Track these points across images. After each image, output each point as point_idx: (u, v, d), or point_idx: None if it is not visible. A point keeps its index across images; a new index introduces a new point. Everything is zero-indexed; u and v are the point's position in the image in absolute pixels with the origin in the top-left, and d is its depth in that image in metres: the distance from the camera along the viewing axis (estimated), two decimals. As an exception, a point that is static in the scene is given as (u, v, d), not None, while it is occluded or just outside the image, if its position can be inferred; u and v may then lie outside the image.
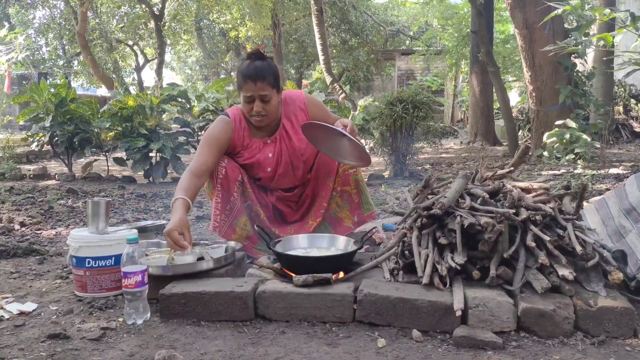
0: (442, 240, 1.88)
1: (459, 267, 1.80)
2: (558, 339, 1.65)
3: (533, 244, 1.79)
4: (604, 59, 7.53)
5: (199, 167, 2.32)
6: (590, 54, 8.26)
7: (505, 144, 9.73)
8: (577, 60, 7.13)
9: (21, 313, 1.94)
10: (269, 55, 2.42)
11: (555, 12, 4.50)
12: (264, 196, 2.58)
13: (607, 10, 4.16)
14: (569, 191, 2.09)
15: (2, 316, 1.91)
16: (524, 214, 1.86)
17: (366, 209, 2.55)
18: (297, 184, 2.57)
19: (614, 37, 4.40)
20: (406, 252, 2.01)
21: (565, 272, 1.72)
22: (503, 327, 1.68)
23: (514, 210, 1.86)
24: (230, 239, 2.41)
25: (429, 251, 1.90)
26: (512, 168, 2.27)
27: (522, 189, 2.08)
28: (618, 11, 4.21)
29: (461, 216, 1.85)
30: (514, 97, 14.79)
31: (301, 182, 2.57)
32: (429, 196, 2.14)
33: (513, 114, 9.54)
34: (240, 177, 2.44)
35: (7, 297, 2.10)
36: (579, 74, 7.17)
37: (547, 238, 1.79)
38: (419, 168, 7.02)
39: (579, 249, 1.77)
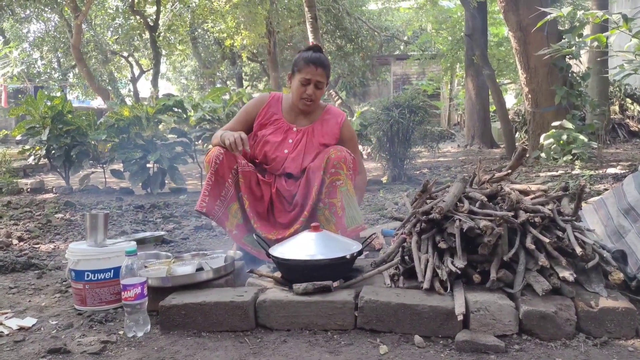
0: (442, 245, 1.88)
1: (459, 271, 1.80)
2: (560, 341, 1.65)
3: (533, 246, 1.79)
4: (599, 59, 7.56)
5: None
6: (585, 54, 8.30)
7: (502, 146, 9.75)
8: (571, 61, 7.15)
9: (21, 328, 1.93)
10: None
11: (548, 17, 4.52)
12: (260, 188, 2.58)
13: (600, 13, 4.18)
14: (567, 192, 2.09)
15: (2, 332, 1.89)
16: (522, 216, 1.86)
17: (350, 223, 2.46)
18: (300, 171, 2.57)
19: (607, 38, 4.42)
20: (406, 257, 2.01)
21: (566, 273, 1.72)
22: (505, 330, 1.68)
23: (512, 213, 1.86)
24: (224, 225, 2.49)
25: (428, 256, 1.90)
26: (509, 170, 2.27)
27: (520, 191, 2.08)
28: (610, 13, 4.23)
29: (460, 220, 1.85)
30: (509, 100, 14.85)
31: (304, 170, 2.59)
32: (428, 200, 2.14)
33: (509, 116, 9.57)
34: (236, 166, 2.50)
35: (7, 313, 2.09)
36: (574, 74, 7.19)
37: (546, 240, 1.79)
38: (417, 172, 7.02)
39: (578, 250, 1.76)
